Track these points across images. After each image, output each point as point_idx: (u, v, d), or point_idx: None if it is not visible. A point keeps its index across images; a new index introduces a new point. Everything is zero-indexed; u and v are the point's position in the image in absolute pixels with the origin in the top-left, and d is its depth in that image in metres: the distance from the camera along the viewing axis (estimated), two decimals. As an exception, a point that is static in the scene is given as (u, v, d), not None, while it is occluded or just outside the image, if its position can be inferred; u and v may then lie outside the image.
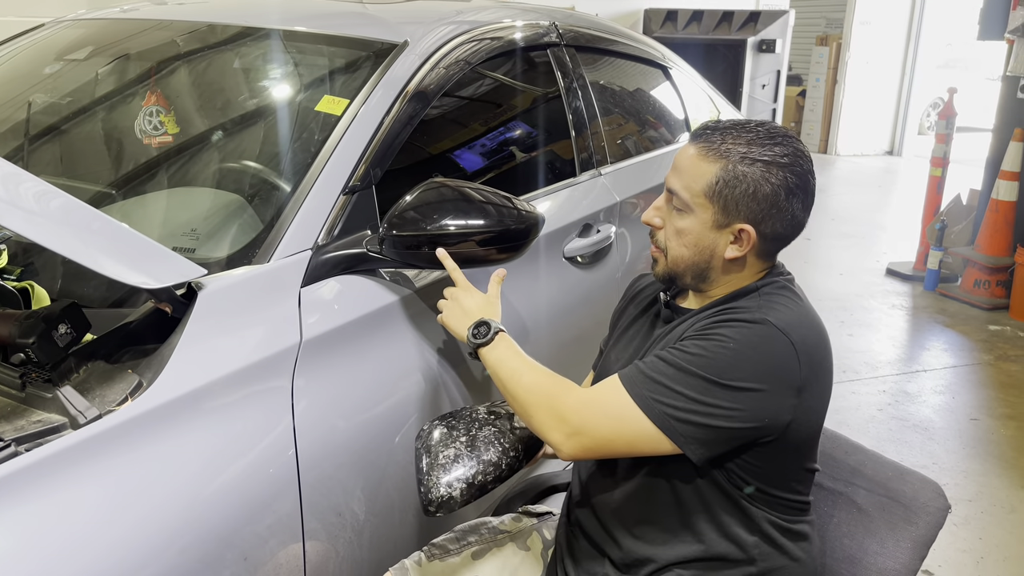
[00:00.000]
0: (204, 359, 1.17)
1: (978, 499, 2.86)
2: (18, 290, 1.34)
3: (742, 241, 1.21)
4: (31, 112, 1.92)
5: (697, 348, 1.14)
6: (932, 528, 1.34)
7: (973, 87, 10.71)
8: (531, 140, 2.23)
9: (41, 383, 1.07)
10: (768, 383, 1.12)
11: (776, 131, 1.21)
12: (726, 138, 1.20)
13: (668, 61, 2.95)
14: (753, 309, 1.18)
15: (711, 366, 1.12)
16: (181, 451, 1.11)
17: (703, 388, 1.12)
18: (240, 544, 1.15)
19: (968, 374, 3.93)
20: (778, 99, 7.47)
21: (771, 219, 1.20)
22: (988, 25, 5.12)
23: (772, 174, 1.17)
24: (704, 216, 1.21)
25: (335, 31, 1.91)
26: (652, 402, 1.13)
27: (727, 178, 1.18)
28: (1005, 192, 4.74)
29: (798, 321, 1.17)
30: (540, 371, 1.25)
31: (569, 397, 1.19)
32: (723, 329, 1.15)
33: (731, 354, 1.12)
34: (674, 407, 1.12)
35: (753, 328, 1.14)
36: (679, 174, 1.23)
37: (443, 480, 1.26)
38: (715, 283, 1.26)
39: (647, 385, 1.14)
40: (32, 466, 0.97)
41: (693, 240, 1.23)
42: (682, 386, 1.12)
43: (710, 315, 1.22)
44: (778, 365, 1.13)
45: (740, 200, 1.18)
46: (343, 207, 1.47)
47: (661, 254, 1.28)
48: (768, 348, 1.13)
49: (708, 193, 1.19)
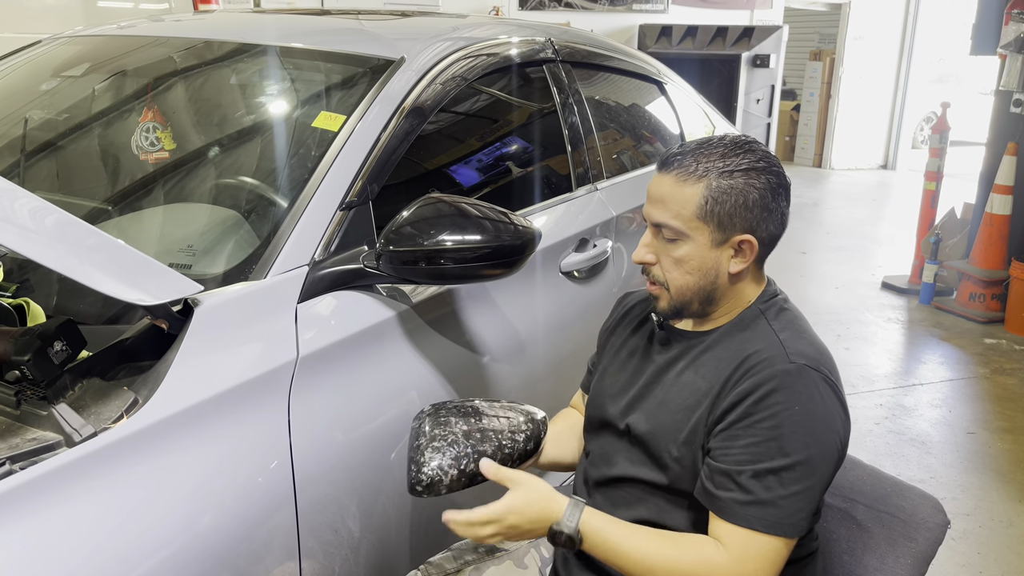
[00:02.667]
0: (200, 376, 1.17)
1: (976, 513, 2.85)
2: (13, 307, 1.33)
3: (744, 252, 1.22)
4: (28, 128, 1.92)
5: (766, 432, 1.12)
6: (932, 544, 1.33)
7: (966, 101, 10.76)
8: (527, 155, 2.24)
9: (36, 400, 1.07)
10: (833, 422, 1.15)
11: (739, 140, 1.22)
12: (698, 158, 1.20)
13: (663, 76, 2.97)
14: (777, 355, 1.17)
15: (796, 442, 1.11)
16: (177, 469, 1.10)
17: (806, 471, 1.11)
18: (236, 562, 1.15)
19: (964, 387, 3.93)
20: (772, 114, 7.51)
21: (765, 223, 1.21)
22: (980, 40, 5.15)
23: (755, 179, 1.19)
24: (701, 238, 1.20)
25: (332, 47, 1.92)
26: (786, 524, 1.11)
27: (714, 195, 1.18)
28: (999, 206, 4.76)
29: (816, 350, 1.19)
30: (664, 553, 1.14)
31: (718, 566, 1.12)
32: (776, 397, 1.13)
33: (801, 417, 1.12)
34: (798, 510, 1.11)
35: (797, 379, 1.14)
36: (663, 205, 1.21)
37: (434, 463, 1.23)
38: (722, 304, 1.25)
39: (773, 512, 1.11)
40: (27, 484, 0.96)
41: (696, 265, 1.22)
42: (792, 485, 1.11)
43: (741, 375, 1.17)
44: (832, 403, 1.16)
45: (733, 213, 1.19)
46: (340, 223, 1.47)
47: (661, 289, 1.26)
48: (816, 391, 1.14)
49: (700, 215, 1.19)
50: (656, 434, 1.24)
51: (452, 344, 1.63)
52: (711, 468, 1.16)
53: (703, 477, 1.18)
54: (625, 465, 1.28)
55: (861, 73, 10.16)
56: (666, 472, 1.23)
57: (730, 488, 1.14)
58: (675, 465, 1.21)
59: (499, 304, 1.79)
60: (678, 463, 1.21)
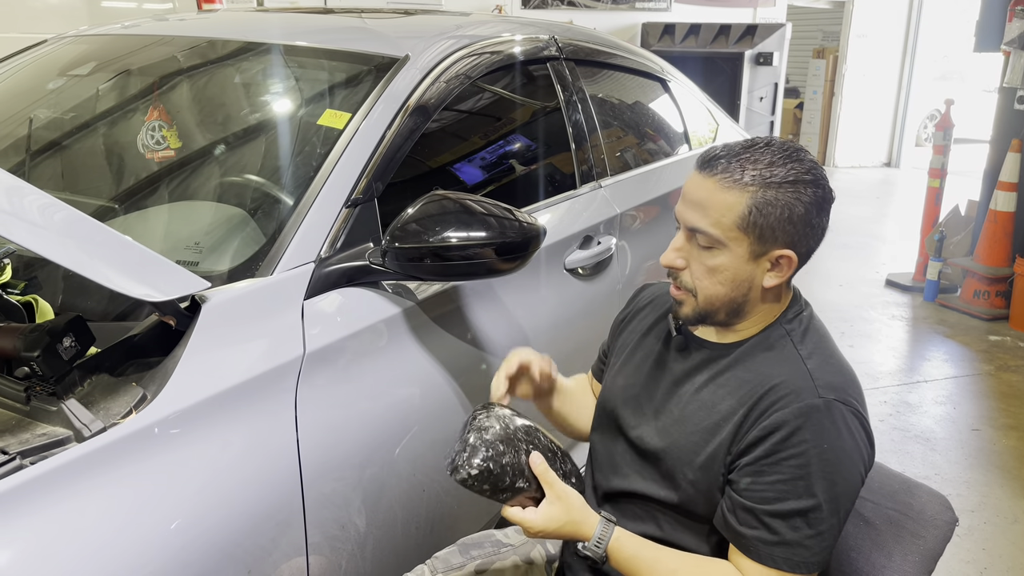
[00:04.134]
0: (208, 372, 1.17)
1: (980, 510, 2.85)
2: (22, 304, 1.34)
3: (781, 267, 1.16)
4: (36, 127, 1.93)
5: (793, 471, 1.09)
6: (940, 542, 1.33)
7: (970, 99, 10.74)
8: (531, 153, 2.24)
9: (46, 396, 1.07)
10: (860, 455, 1.13)
11: (787, 147, 1.16)
12: (744, 164, 1.12)
13: (667, 74, 2.97)
14: (806, 388, 1.12)
15: (823, 480, 1.09)
16: (185, 464, 1.11)
17: (832, 510, 1.10)
18: (244, 557, 1.15)
19: (969, 384, 3.93)
20: (776, 112, 7.50)
21: (806, 238, 1.15)
22: (984, 37, 5.14)
23: (802, 193, 1.12)
24: (739, 249, 1.14)
25: (336, 46, 1.93)
26: (811, 563, 1.11)
27: (759, 206, 1.11)
28: (1003, 203, 4.76)
29: (843, 379, 1.15)
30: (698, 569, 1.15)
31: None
32: (801, 435, 1.10)
33: (829, 455, 1.10)
34: (823, 548, 1.11)
35: (826, 416, 1.10)
36: (702, 210, 1.14)
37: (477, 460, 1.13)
38: (749, 316, 1.21)
39: (799, 553, 1.10)
40: (37, 479, 0.97)
41: (730, 276, 1.15)
42: (820, 525, 1.10)
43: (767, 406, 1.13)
44: (859, 438, 1.13)
45: (776, 226, 1.12)
46: (345, 220, 1.47)
47: (688, 295, 1.19)
48: (848, 429, 1.12)
49: (741, 225, 1.12)
50: (671, 453, 1.21)
51: (457, 340, 1.64)
52: (734, 503, 1.14)
53: (724, 509, 1.16)
54: (636, 480, 1.26)
55: (865, 71, 10.14)
56: (679, 492, 1.20)
57: (755, 527, 1.11)
58: (690, 488, 1.19)
59: (504, 301, 1.80)
60: (693, 486, 1.18)
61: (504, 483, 1.14)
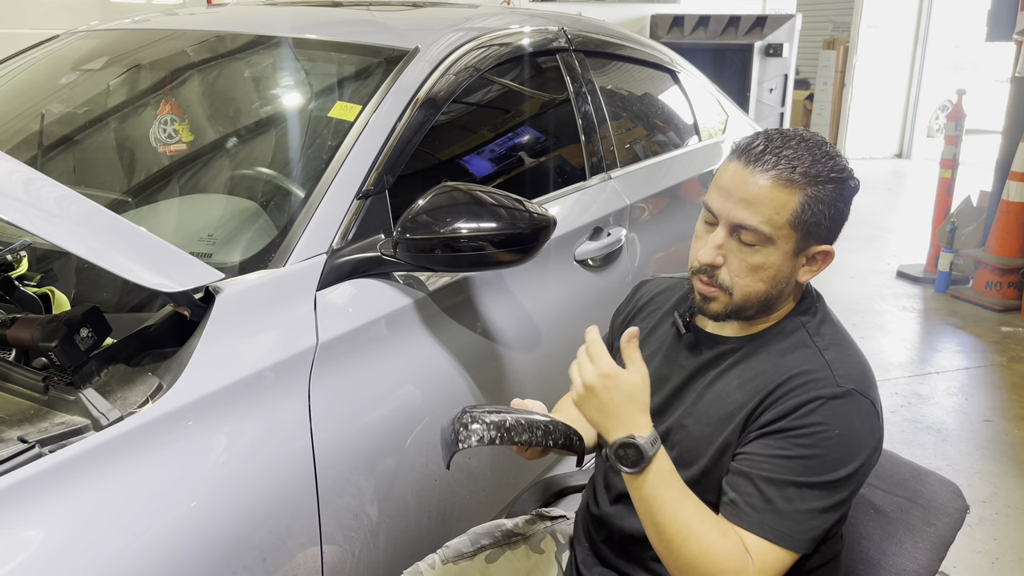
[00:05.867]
0: (223, 362, 1.18)
1: (992, 500, 2.85)
2: (39, 295, 1.36)
3: (817, 262, 1.18)
4: (48, 122, 1.95)
5: (802, 449, 1.09)
6: (951, 529, 1.33)
7: (982, 89, 10.66)
8: (541, 144, 2.24)
9: (64, 386, 1.09)
10: (869, 449, 1.12)
11: (820, 140, 1.16)
12: (792, 161, 1.12)
13: (676, 65, 2.97)
14: (824, 378, 1.12)
15: (826, 464, 1.09)
16: (201, 452, 1.13)
17: (829, 493, 1.09)
18: (259, 544, 1.17)
19: (981, 376, 3.92)
20: (786, 103, 7.46)
21: (839, 232, 1.18)
22: (996, 26, 5.11)
23: (844, 189, 1.14)
24: (786, 247, 1.14)
25: (346, 38, 1.93)
26: (805, 539, 1.09)
27: (811, 203, 1.12)
28: (1015, 193, 4.72)
29: (862, 372, 1.15)
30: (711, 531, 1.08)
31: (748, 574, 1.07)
32: (816, 417, 1.10)
33: (837, 442, 1.09)
34: (813, 527, 1.09)
35: (842, 404, 1.10)
36: (754, 207, 1.11)
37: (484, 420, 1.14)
38: (775, 311, 1.21)
39: (788, 524, 1.08)
40: (56, 467, 0.99)
41: (772, 273, 1.15)
42: (812, 502, 1.09)
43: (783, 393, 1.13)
44: (871, 432, 1.13)
45: (821, 222, 1.13)
46: (357, 212, 1.48)
47: (722, 292, 1.17)
48: (862, 421, 1.11)
49: (793, 223, 1.12)
50: (684, 445, 1.21)
51: (468, 331, 1.65)
52: (732, 470, 1.13)
53: (724, 481, 1.15)
54: None
55: (875, 61, 10.08)
56: (693, 485, 1.17)
57: (748, 492, 1.10)
58: (705, 478, 1.18)
59: (514, 292, 1.80)
60: (707, 476, 1.18)
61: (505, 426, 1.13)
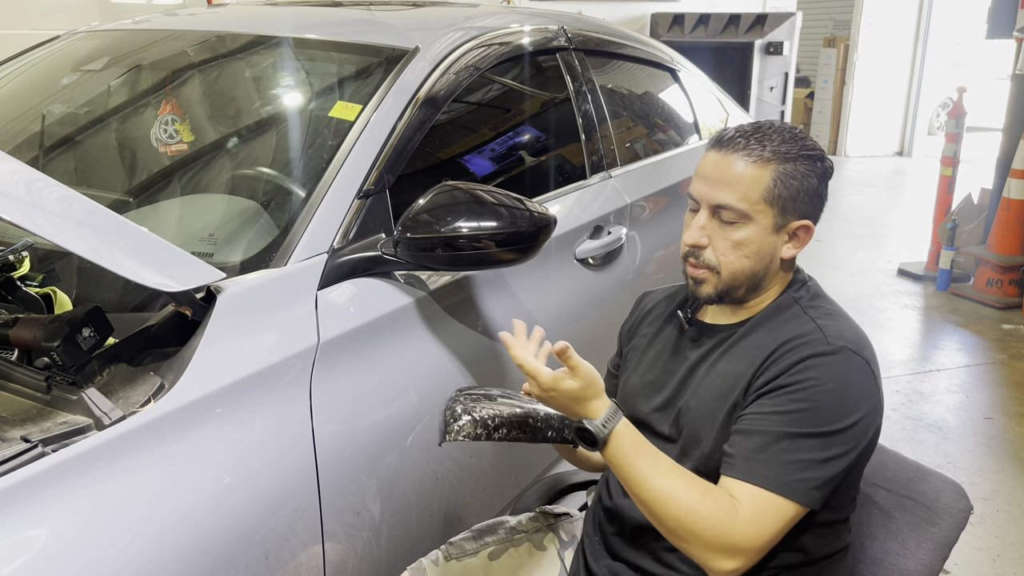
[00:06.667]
0: (224, 361, 1.19)
1: (994, 497, 2.85)
2: (41, 296, 1.36)
3: (799, 238, 1.24)
4: (49, 122, 1.95)
5: (796, 403, 1.12)
6: (954, 529, 1.33)
7: (983, 86, 10.66)
8: (541, 143, 2.25)
9: (66, 386, 1.09)
10: (867, 406, 1.13)
11: (791, 127, 1.25)
12: (763, 141, 1.20)
13: (676, 64, 2.97)
14: (816, 339, 1.16)
15: (820, 417, 1.11)
16: (203, 451, 1.13)
17: (827, 443, 1.10)
18: (261, 543, 1.17)
19: (982, 373, 3.92)
20: (786, 101, 7.47)
21: (816, 209, 1.24)
22: (996, 24, 5.10)
23: (814, 165, 1.21)
24: (764, 222, 1.20)
25: (346, 38, 1.94)
26: (798, 488, 1.09)
27: (783, 179, 1.19)
28: (1016, 191, 4.72)
29: (855, 335, 1.19)
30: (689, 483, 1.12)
31: (738, 525, 1.08)
32: (809, 372, 1.13)
33: (832, 395, 1.11)
34: (813, 479, 1.10)
35: (836, 360, 1.14)
36: (729, 186, 1.19)
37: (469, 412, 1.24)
38: (764, 290, 1.26)
39: (781, 473, 1.10)
40: (58, 466, 0.99)
41: (755, 249, 1.21)
42: (810, 452, 1.10)
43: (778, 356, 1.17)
44: (867, 389, 1.15)
45: (796, 197, 1.20)
46: (358, 211, 1.48)
47: (710, 273, 1.23)
48: (856, 377, 1.14)
49: (767, 198, 1.19)
50: (693, 426, 1.23)
51: (469, 330, 1.65)
52: (732, 432, 1.16)
53: (724, 445, 1.17)
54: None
55: (876, 59, 10.08)
56: (706, 463, 1.21)
57: (743, 445, 1.13)
58: (715, 454, 1.19)
59: (515, 290, 1.81)
60: (717, 451, 1.19)
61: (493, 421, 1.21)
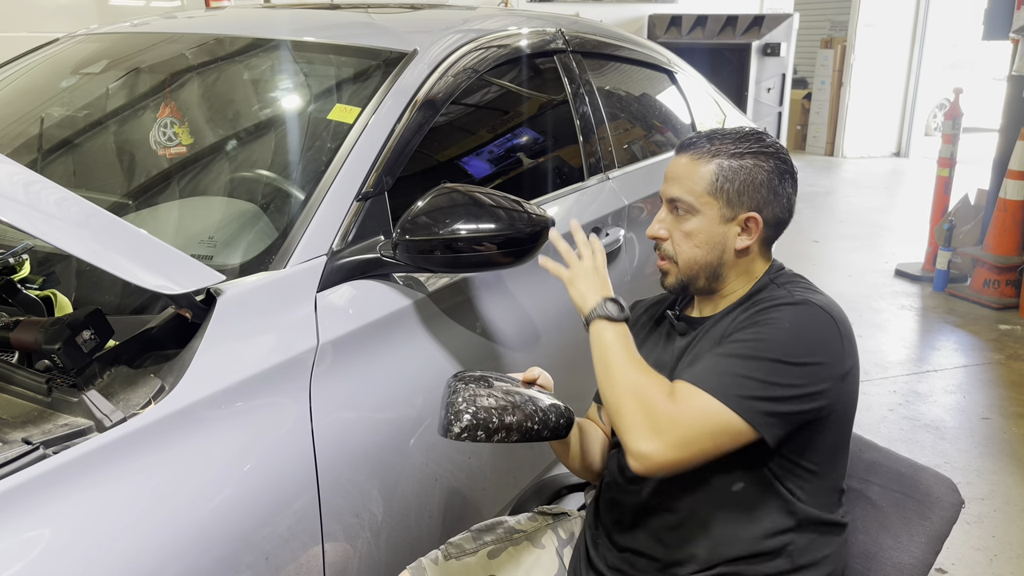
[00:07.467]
0: (224, 363, 1.19)
1: (991, 497, 2.86)
2: (41, 298, 1.37)
3: (750, 230, 1.30)
4: (48, 125, 1.95)
5: (754, 335, 1.19)
6: (946, 523, 1.35)
7: (979, 87, 10.68)
8: (539, 145, 2.25)
9: (67, 388, 1.09)
10: (824, 356, 1.18)
11: (750, 130, 1.34)
12: (712, 141, 1.31)
13: (674, 66, 2.98)
14: (787, 296, 1.25)
15: (774, 348, 1.16)
16: (203, 453, 1.13)
17: (773, 369, 1.15)
18: (261, 544, 1.17)
19: (979, 373, 3.93)
20: (784, 102, 7.49)
21: (771, 204, 1.30)
22: (993, 25, 5.12)
23: (763, 162, 1.29)
24: (711, 213, 1.29)
25: (345, 41, 1.94)
26: (734, 395, 1.14)
27: (725, 173, 1.28)
28: (1013, 191, 4.74)
29: (830, 302, 1.25)
30: (647, 372, 1.21)
31: (666, 406, 1.15)
32: (773, 312, 1.21)
33: (789, 333, 1.18)
34: (753, 395, 1.14)
35: (800, 308, 1.21)
36: (678, 182, 1.31)
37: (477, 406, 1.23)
38: (727, 280, 1.33)
39: (722, 380, 1.15)
40: (59, 468, 0.99)
41: (704, 238, 1.30)
42: (755, 372, 1.15)
43: (746, 308, 1.27)
44: (829, 340, 1.20)
45: (741, 190, 1.28)
46: (356, 213, 1.49)
47: (671, 264, 1.34)
48: (818, 325, 1.20)
49: (711, 190, 1.28)
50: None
51: (468, 332, 1.66)
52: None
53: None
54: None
55: (873, 60, 10.10)
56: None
57: (697, 365, 1.21)
58: None
59: (513, 292, 1.81)
60: None
61: (493, 424, 1.21)
